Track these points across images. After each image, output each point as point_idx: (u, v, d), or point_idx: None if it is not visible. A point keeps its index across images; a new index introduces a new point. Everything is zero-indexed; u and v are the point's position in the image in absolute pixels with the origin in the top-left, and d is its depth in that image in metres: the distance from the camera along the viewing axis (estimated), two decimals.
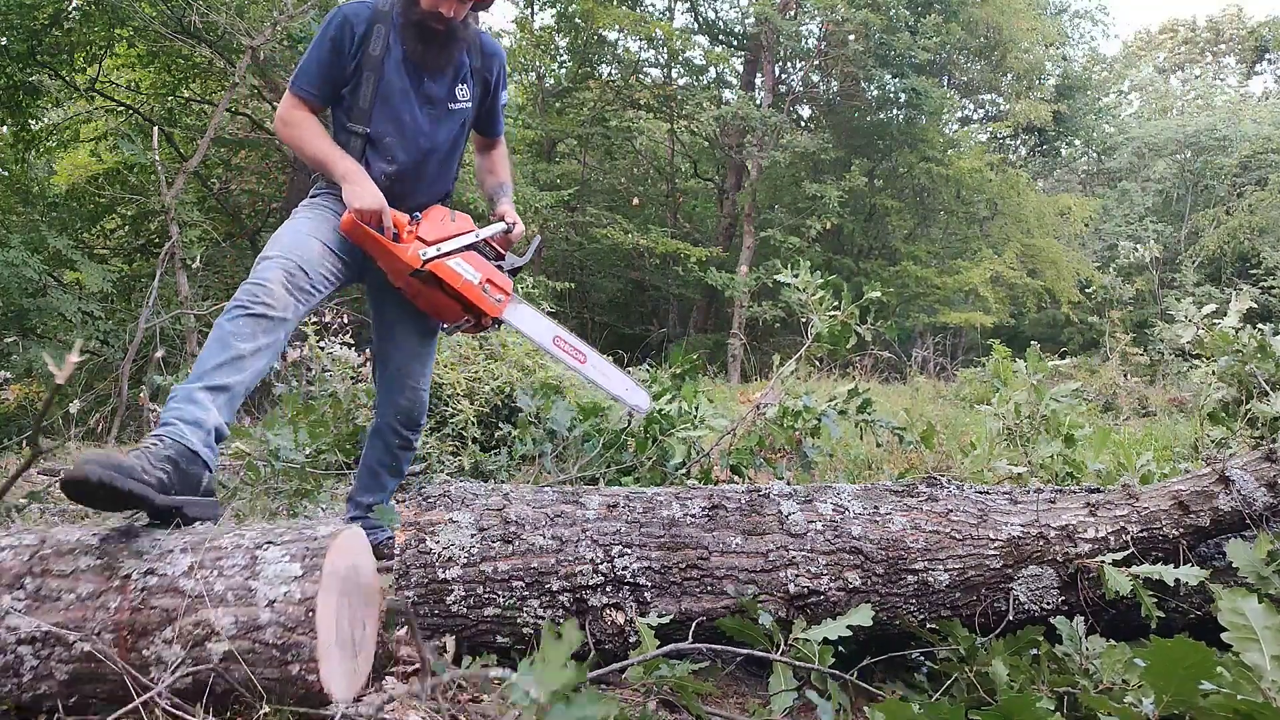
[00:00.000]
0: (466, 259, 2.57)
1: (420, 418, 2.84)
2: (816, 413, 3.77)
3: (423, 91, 2.64)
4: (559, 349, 2.75)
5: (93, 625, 1.63)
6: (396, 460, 2.88)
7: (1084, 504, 2.35)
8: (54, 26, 9.49)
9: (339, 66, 2.56)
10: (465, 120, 2.75)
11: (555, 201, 16.14)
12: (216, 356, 2.20)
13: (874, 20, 17.46)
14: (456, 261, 2.55)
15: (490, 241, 2.69)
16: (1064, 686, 2.02)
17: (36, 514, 3.28)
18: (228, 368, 2.20)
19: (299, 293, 2.37)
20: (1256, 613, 1.68)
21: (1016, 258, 20.01)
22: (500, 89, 2.84)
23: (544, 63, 18.36)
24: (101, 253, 12.60)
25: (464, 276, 2.55)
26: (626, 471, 3.69)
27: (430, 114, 2.66)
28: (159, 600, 1.64)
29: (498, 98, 2.84)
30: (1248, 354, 4.15)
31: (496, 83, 2.81)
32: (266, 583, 1.65)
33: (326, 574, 1.67)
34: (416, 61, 2.61)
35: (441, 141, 2.70)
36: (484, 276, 2.58)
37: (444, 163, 2.73)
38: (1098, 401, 10.21)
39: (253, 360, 2.25)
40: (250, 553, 1.70)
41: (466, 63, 2.71)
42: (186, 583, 1.66)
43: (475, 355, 4.71)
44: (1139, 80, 32.99)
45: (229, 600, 1.63)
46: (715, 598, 2.16)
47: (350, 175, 2.49)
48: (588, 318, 20.14)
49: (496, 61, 2.80)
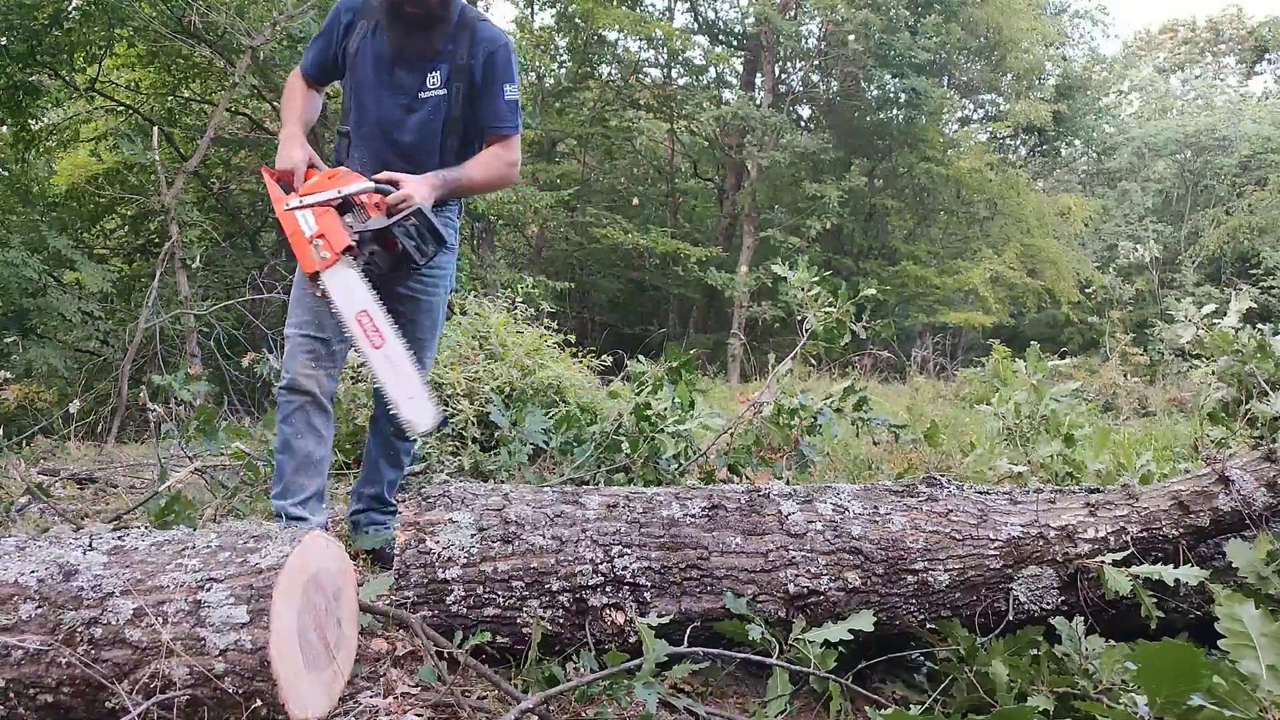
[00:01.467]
0: (317, 213, 2.47)
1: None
2: (813, 411, 3.76)
3: (394, 82, 2.61)
4: (359, 327, 2.45)
5: (49, 681, 1.60)
6: (394, 450, 2.86)
7: (1084, 504, 2.35)
8: (54, 26, 9.49)
9: (327, 49, 2.70)
10: (442, 108, 2.63)
11: (555, 201, 16.14)
12: (291, 463, 2.58)
13: (874, 20, 17.47)
14: (304, 214, 2.48)
15: (363, 203, 2.50)
16: (1063, 687, 2.02)
17: (36, 514, 3.29)
18: (305, 473, 2.59)
19: (327, 360, 2.62)
20: (1253, 619, 1.66)
21: (1016, 258, 20.02)
22: (497, 81, 2.63)
23: (544, 63, 18.34)
24: (101, 253, 12.61)
25: (297, 228, 2.47)
26: (617, 471, 3.67)
27: (401, 104, 2.62)
28: (109, 653, 1.61)
29: (490, 90, 2.64)
30: (1248, 354, 4.15)
31: (487, 73, 2.61)
32: (215, 630, 1.60)
33: (278, 613, 1.62)
34: (394, 48, 2.58)
35: (416, 131, 2.64)
36: (318, 232, 2.46)
37: (424, 152, 2.65)
38: (1098, 401, 10.20)
39: (320, 450, 2.61)
40: (193, 593, 1.64)
41: (449, 50, 2.60)
42: (133, 633, 1.61)
43: (475, 355, 4.70)
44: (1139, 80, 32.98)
45: (180, 650, 1.59)
46: (715, 598, 2.16)
47: (281, 139, 2.64)
48: (588, 318, 20.15)
49: (489, 49, 2.61)
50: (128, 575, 1.69)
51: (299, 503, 2.58)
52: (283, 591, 1.65)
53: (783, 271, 3.75)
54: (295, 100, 2.75)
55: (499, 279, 15.16)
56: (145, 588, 1.66)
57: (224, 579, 1.66)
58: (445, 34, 2.60)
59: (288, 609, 1.65)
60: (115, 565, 1.71)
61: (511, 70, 2.65)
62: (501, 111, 2.65)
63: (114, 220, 13.18)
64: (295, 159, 2.57)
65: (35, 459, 4.88)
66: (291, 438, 2.60)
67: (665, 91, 19.86)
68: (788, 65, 20.56)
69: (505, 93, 2.64)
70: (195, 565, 1.69)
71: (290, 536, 1.76)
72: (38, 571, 1.69)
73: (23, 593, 1.66)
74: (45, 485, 3.76)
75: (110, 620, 1.62)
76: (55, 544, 1.78)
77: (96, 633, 1.62)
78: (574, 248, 19.63)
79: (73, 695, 1.61)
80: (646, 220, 20.03)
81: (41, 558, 1.72)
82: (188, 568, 1.69)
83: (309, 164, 2.60)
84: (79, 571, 1.69)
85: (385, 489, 2.91)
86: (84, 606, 1.64)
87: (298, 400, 2.60)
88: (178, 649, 1.59)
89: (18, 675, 1.61)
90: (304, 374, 2.59)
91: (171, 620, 1.62)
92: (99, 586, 1.67)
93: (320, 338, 2.61)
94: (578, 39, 18.77)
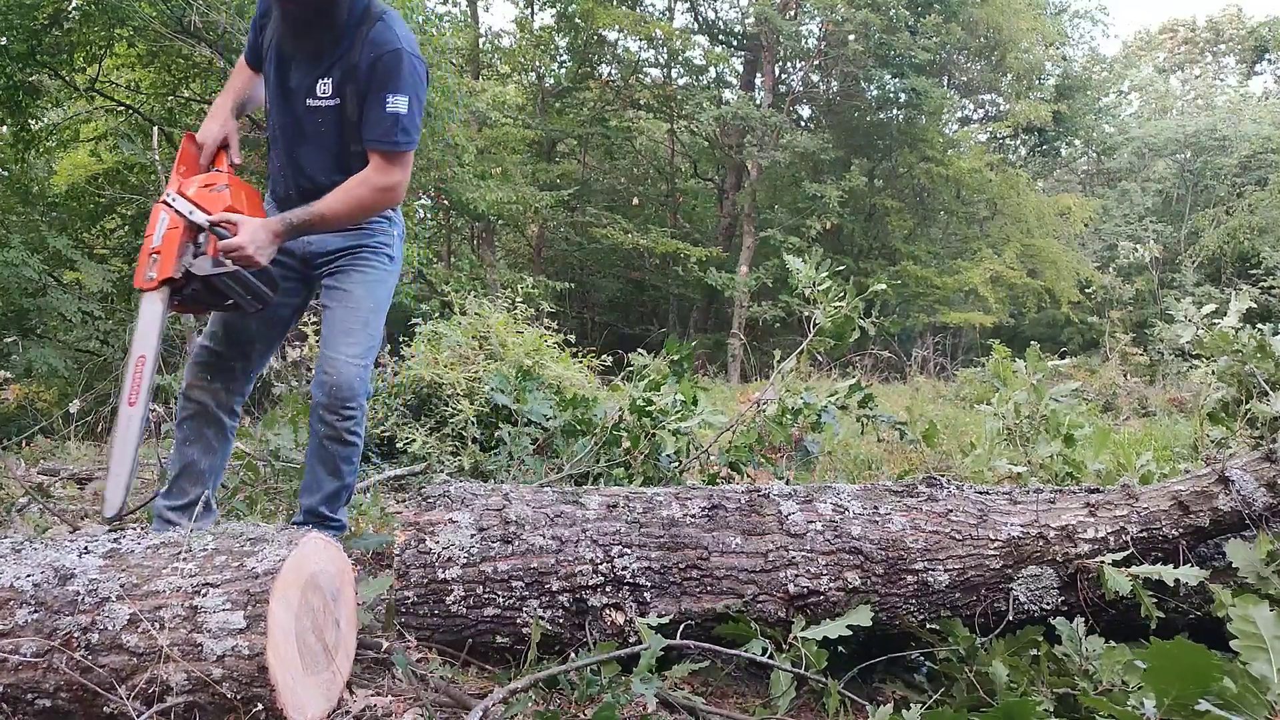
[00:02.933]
0: (171, 222, 2.28)
1: (347, 401, 2.43)
2: (817, 409, 3.75)
3: (288, 87, 2.43)
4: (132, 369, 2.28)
5: (47, 686, 1.60)
6: (329, 456, 2.50)
7: (1084, 504, 2.35)
8: (54, 26, 9.48)
9: (257, 36, 2.56)
10: (335, 120, 2.39)
11: (555, 201, 16.14)
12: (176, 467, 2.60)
13: (874, 20, 17.47)
14: (165, 217, 2.29)
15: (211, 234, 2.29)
16: (1063, 687, 2.02)
17: (36, 514, 3.29)
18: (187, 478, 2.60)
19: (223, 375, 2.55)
20: (1267, 622, 1.65)
21: (1016, 258, 20.01)
22: (379, 89, 2.33)
23: (544, 63, 18.36)
24: (101, 253, 12.60)
25: (152, 229, 2.29)
26: (618, 466, 3.66)
27: (293, 109, 2.43)
28: (106, 659, 1.60)
29: (371, 99, 2.34)
30: (1247, 354, 4.14)
31: (370, 79, 2.33)
32: (212, 636, 1.60)
33: (275, 619, 1.62)
34: (288, 49, 2.41)
35: (310, 144, 2.43)
36: (158, 247, 2.26)
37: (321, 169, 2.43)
38: (1098, 401, 10.20)
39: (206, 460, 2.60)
40: (189, 598, 1.63)
41: (342, 52, 2.35)
42: (129, 638, 1.61)
43: (475, 355, 4.70)
44: (1139, 80, 32.96)
45: (177, 656, 1.59)
46: (715, 598, 2.16)
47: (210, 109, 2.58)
48: (588, 318, 20.15)
49: (374, 54, 2.33)
50: (124, 579, 1.68)
51: (177, 507, 2.51)
52: (279, 597, 1.64)
53: (792, 263, 3.73)
54: (236, 76, 2.63)
55: (499, 279, 15.18)
56: (141, 593, 1.65)
57: (220, 584, 1.65)
58: (335, 34, 2.34)
59: (285, 614, 1.65)
60: (111, 569, 1.70)
61: (399, 80, 2.33)
62: (380, 124, 2.35)
63: (114, 220, 13.17)
64: (208, 133, 2.47)
65: (35, 459, 4.89)
66: (180, 443, 2.56)
67: (665, 91, 19.85)
68: (788, 65, 20.56)
69: (388, 104, 2.33)
70: (191, 570, 1.68)
71: (287, 539, 1.74)
72: (33, 575, 1.68)
73: (18, 597, 1.65)
74: (45, 485, 3.76)
75: (107, 626, 1.62)
76: (51, 546, 1.77)
77: (93, 638, 1.61)
78: (574, 248, 19.62)
79: (71, 700, 1.60)
80: (646, 220, 20.02)
81: (37, 561, 1.71)
82: (184, 572, 1.68)
83: (223, 143, 2.48)
84: (75, 575, 1.68)
85: (324, 502, 2.55)
86: (80, 612, 1.63)
87: (190, 408, 2.55)
88: (175, 655, 1.59)
89: (16, 680, 1.60)
90: (196, 385, 2.53)
91: (168, 626, 1.61)
92: (95, 591, 1.66)
93: (218, 351, 2.54)
94: (578, 39, 18.77)
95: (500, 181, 14.53)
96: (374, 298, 2.54)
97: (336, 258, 2.54)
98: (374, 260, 2.56)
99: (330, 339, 2.47)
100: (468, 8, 17.40)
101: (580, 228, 18.77)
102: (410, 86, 2.35)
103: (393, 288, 2.64)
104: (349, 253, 2.53)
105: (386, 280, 2.60)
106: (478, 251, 17.33)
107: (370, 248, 2.55)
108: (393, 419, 4.42)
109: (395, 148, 2.36)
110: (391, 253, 2.62)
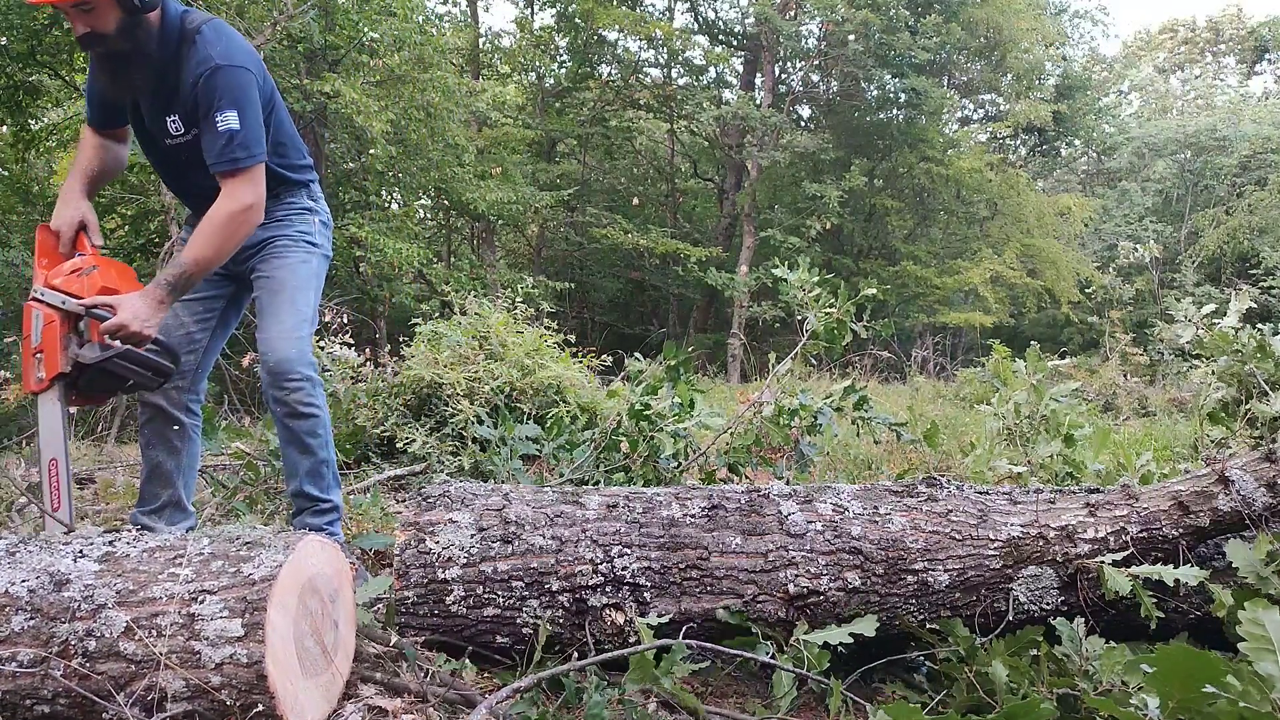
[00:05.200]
0: (46, 318, 2.19)
1: (288, 374, 2.43)
2: (813, 410, 3.76)
3: (145, 129, 2.38)
4: (46, 474, 2.22)
5: (45, 693, 1.60)
6: (294, 435, 2.48)
7: (1084, 504, 2.35)
8: (54, 26, 9.47)
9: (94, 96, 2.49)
10: (198, 148, 2.33)
11: (555, 201, 16.14)
12: (144, 472, 2.63)
13: (874, 20, 17.47)
14: (38, 314, 2.20)
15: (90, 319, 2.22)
16: (1063, 687, 2.02)
17: (36, 513, 3.28)
18: (155, 481, 2.64)
19: (175, 375, 2.45)
20: (1276, 623, 1.66)
21: (1016, 258, 20.02)
22: (207, 109, 2.26)
23: (544, 63, 18.35)
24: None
25: (29, 330, 2.20)
26: (617, 470, 3.67)
27: (159, 149, 2.42)
28: (104, 666, 1.60)
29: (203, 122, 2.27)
30: (1247, 354, 4.14)
31: (198, 101, 2.26)
32: (210, 644, 1.59)
33: (273, 625, 1.61)
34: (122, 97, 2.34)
35: (186, 171, 2.39)
36: (39, 346, 2.19)
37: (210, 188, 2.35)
38: (1098, 401, 10.20)
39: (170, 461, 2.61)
40: (186, 605, 1.63)
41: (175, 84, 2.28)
42: (127, 645, 1.60)
43: (475, 355, 4.70)
44: (1139, 80, 32.98)
45: (175, 663, 1.59)
46: (715, 598, 2.16)
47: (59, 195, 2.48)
48: (588, 318, 20.15)
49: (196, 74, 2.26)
50: (120, 585, 1.66)
51: (150, 511, 2.56)
52: (277, 603, 1.63)
53: (783, 273, 3.75)
54: (82, 151, 2.49)
55: (499, 279, 15.18)
56: (138, 599, 1.64)
57: (217, 590, 1.64)
58: (159, 66, 2.28)
59: (283, 620, 1.64)
60: (107, 574, 1.69)
61: (221, 96, 2.27)
62: (215, 146, 2.29)
63: (114, 220, 13.16)
64: (62, 219, 2.36)
65: (35, 459, 4.88)
66: (144, 447, 2.60)
67: (665, 91, 19.85)
68: (788, 65, 20.56)
69: (218, 123, 2.27)
70: (188, 575, 1.67)
71: (284, 544, 1.73)
72: (29, 581, 1.67)
73: (14, 604, 1.64)
74: None
75: (104, 633, 1.61)
76: (46, 550, 1.76)
77: (91, 645, 1.61)
78: (574, 248, 19.62)
79: (70, 707, 1.60)
80: (646, 220, 20.03)
81: (32, 565, 1.70)
82: (181, 578, 1.67)
83: (80, 226, 2.38)
84: (70, 581, 1.67)
85: (307, 481, 2.53)
86: (77, 619, 1.63)
87: (147, 413, 2.58)
88: (173, 663, 1.58)
89: (14, 687, 1.60)
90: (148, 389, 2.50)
91: (166, 634, 1.60)
92: (91, 597, 1.65)
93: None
94: (578, 39, 18.77)
95: (500, 181, 14.54)
96: (296, 277, 2.56)
97: (259, 249, 2.57)
98: (293, 247, 2.59)
99: (261, 323, 2.49)
100: (468, 8, 17.41)
101: (580, 228, 18.77)
102: (235, 99, 2.28)
103: (319, 270, 2.66)
104: (268, 243, 2.57)
105: (309, 260, 2.62)
106: (478, 251, 17.33)
107: (289, 236, 2.60)
108: (393, 419, 4.42)
109: (236, 165, 2.30)
110: (313, 239, 2.65)
